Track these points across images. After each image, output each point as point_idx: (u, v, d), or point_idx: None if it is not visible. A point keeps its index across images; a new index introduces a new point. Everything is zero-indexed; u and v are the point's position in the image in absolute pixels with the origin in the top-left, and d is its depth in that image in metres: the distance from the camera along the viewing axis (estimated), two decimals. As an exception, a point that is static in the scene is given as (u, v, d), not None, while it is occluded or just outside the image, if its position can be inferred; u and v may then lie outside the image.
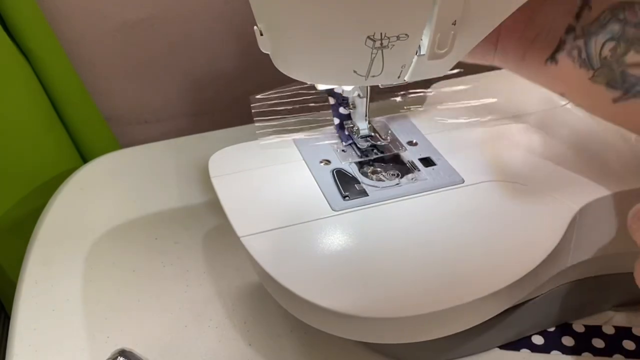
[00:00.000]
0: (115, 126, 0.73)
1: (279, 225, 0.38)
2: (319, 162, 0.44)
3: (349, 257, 0.36)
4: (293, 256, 0.36)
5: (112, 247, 0.52)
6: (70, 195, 0.59)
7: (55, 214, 0.56)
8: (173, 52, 0.70)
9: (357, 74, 0.34)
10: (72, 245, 0.52)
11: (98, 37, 0.66)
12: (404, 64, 0.35)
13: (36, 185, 0.66)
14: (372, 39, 0.32)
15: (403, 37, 0.32)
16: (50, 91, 0.64)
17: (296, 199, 0.41)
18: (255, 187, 0.42)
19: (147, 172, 0.62)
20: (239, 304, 0.46)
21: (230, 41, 0.71)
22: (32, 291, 0.48)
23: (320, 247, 0.36)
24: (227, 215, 0.39)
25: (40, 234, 0.54)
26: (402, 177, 0.43)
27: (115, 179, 0.61)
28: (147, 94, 0.73)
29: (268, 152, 0.45)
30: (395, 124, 0.49)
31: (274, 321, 0.44)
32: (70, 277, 0.49)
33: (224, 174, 0.43)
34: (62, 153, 0.67)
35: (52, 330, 0.44)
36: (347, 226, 0.38)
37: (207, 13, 0.68)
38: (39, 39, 0.60)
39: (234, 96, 0.75)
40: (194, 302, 0.46)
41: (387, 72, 0.35)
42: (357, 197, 0.40)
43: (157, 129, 0.75)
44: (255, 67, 0.73)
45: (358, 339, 0.38)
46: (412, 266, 0.35)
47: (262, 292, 0.46)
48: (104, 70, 0.69)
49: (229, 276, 0.48)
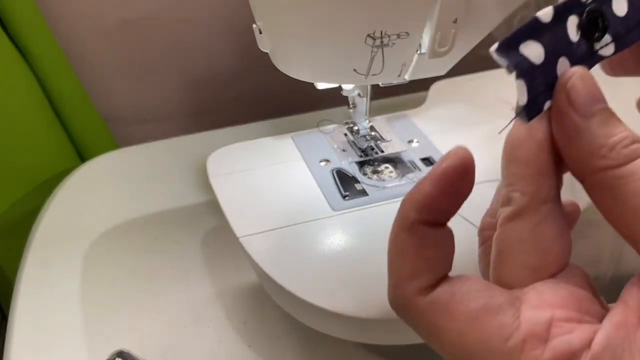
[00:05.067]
0: (114, 126, 0.72)
1: (278, 225, 0.38)
2: (319, 162, 0.44)
3: (348, 257, 0.35)
4: (292, 256, 0.36)
5: (111, 247, 0.52)
6: (69, 195, 0.59)
7: (53, 213, 0.56)
8: (172, 51, 0.69)
9: (357, 72, 0.34)
10: (70, 245, 0.52)
11: (96, 36, 0.65)
12: (404, 62, 0.35)
13: (34, 184, 0.66)
14: (372, 37, 0.31)
15: (403, 36, 0.32)
16: (48, 91, 0.63)
17: (295, 198, 0.40)
18: (255, 187, 0.42)
19: (146, 172, 0.61)
20: (239, 305, 0.46)
21: (229, 40, 0.70)
22: (30, 291, 0.47)
23: (319, 247, 0.36)
24: (226, 216, 0.39)
25: (39, 233, 0.53)
26: (402, 176, 0.42)
27: (113, 178, 0.61)
28: (145, 93, 0.72)
29: (267, 151, 0.45)
30: (396, 123, 0.49)
31: (274, 322, 0.44)
32: (69, 277, 0.48)
33: (223, 174, 0.43)
34: (61, 152, 0.67)
35: (50, 330, 0.44)
36: (347, 226, 0.38)
37: (206, 11, 0.68)
38: (37, 39, 0.60)
39: (233, 95, 0.75)
40: (193, 303, 0.46)
41: (388, 71, 0.34)
42: (357, 197, 0.40)
43: (156, 129, 0.75)
44: (254, 66, 0.72)
45: (357, 340, 0.38)
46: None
47: (262, 293, 0.45)
48: (103, 70, 0.69)
49: (228, 276, 0.48)
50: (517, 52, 0.18)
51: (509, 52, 0.18)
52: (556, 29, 0.19)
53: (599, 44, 0.20)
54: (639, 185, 0.17)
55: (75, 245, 0.52)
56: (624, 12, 0.20)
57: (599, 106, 0.18)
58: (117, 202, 0.57)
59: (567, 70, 0.19)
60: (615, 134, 0.18)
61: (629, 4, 0.20)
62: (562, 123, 0.18)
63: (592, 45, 0.20)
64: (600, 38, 0.20)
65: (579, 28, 0.19)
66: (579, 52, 0.19)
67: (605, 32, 0.20)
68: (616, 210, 0.17)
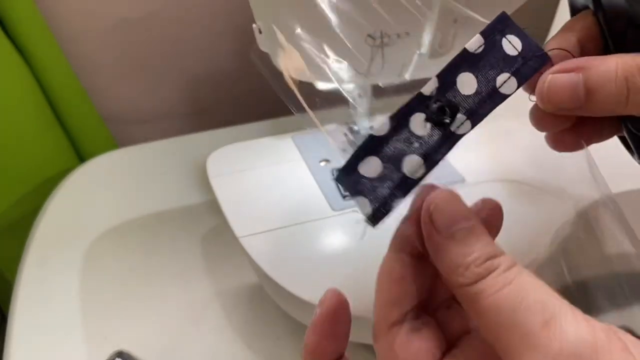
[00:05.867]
0: (113, 126, 0.72)
1: (278, 225, 0.38)
2: (319, 162, 0.44)
3: (348, 257, 0.35)
4: (292, 256, 0.36)
5: (110, 247, 0.52)
6: (68, 195, 0.58)
7: (52, 213, 0.56)
8: (171, 51, 0.69)
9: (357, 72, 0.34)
10: (69, 245, 0.52)
11: (96, 36, 0.65)
12: (404, 62, 0.35)
13: (33, 185, 0.66)
14: (372, 37, 0.31)
15: (403, 36, 0.32)
16: (47, 91, 0.63)
17: (295, 198, 0.40)
18: (255, 187, 0.42)
19: (145, 172, 0.61)
20: (238, 305, 0.46)
21: (229, 40, 0.70)
22: (30, 291, 0.47)
23: (319, 247, 0.36)
24: (226, 216, 0.39)
25: (38, 234, 0.53)
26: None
27: (113, 178, 0.61)
28: (144, 93, 0.72)
29: (267, 151, 0.45)
30: (396, 123, 0.49)
31: (274, 323, 0.44)
32: (68, 278, 0.48)
33: (223, 174, 0.43)
34: (60, 153, 0.67)
35: (49, 331, 0.44)
36: (347, 226, 0.38)
37: (206, 11, 0.67)
38: (36, 38, 0.59)
39: (233, 95, 0.75)
40: (192, 303, 0.46)
41: (388, 71, 0.34)
42: (357, 197, 0.40)
43: (155, 128, 0.75)
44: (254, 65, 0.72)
45: (357, 340, 0.38)
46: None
47: (262, 294, 0.45)
48: (102, 70, 0.69)
49: (228, 277, 0.48)
50: (357, 174, 0.20)
51: (347, 177, 0.20)
52: (396, 135, 0.21)
53: (454, 126, 0.21)
54: (491, 301, 0.18)
55: (75, 245, 0.52)
56: (474, 89, 0.21)
57: (459, 226, 0.19)
58: (117, 202, 0.57)
59: (432, 194, 0.20)
60: (470, 253, 0.19)
61: (477, 79, 0.21)
62: (428, 241, 0.20)
63: (447, 129, 0.21)
64: (453, 121, 0.21)
65: (427, 121, 0.21)
66: (431, 141, 0.21)
67: (455, 115, 0.21)
68: (479, 322, 0.18)
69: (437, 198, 0.20)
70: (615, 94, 0.20)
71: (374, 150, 0.20)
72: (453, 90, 0.21)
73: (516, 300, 0.17)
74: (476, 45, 0.21)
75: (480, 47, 0.21)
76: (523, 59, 0.21)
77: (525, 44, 0.21)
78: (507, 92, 0.21)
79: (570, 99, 0.21)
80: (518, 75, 0.21)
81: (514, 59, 0.21)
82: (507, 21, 0.21)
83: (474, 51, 0.21)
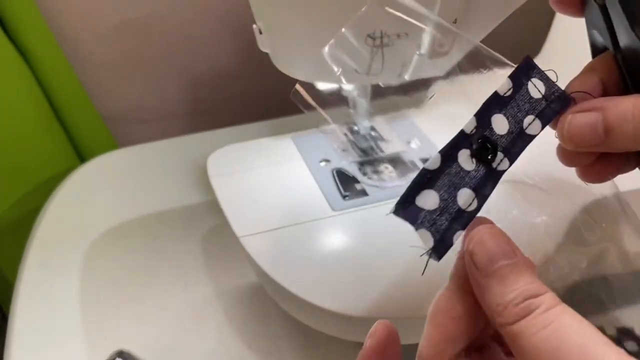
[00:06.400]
0: (113, 125, 0.72)
1: (278, 225, 0.38)
2: (319, 162, 0.44)
3: (348, 257, 0.35)
4: (292, 256, 0.36)
5: (110, 247, 0.52)
6: (68, 195, 0.58)
7: (53, 214, 0.56)
8: (171, 51, 0.69)
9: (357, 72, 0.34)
10: (70, 246, 0.52)
11: (96, 36, 0.65)
12: (404, 62, 0.35)
13: (34, 185, 0.66)
14: (372, 37, 0.31)
15: (403, 36, 0.32)
16: (47, 90, 0.63)
17: (295, 198, 0.40)
18: (255, 187, 0.42)
19: (146, 172, 0.61)
20: (238, 305, 0.46)
21: (229, 40, 0.70)
22: (30, 292, 0.47)
23: (319, 247, 0.36)
24: (226, 215, 0.39)
25: (38, 234, 0.53)
26: (402, 176, 0.42)
27: (113, 178, 0.61)
28: (145, 93, 0.72)
29: (267, 151, 0.45)
30: (396, 123, 0.49)
31: (274, 322, 0.44)
32: (69, 277, 0.48)
33: (223, 174, 0.43)
34: (60, 153, 0.67)
35: (50, 330, 0.44)
36: (347, 226, 0.38)
37: (206, 11, 0.67)
38: (36, 38, 0.59)
39: (233, 95, 0.75)
40: (193, 303, 0.46)
41: (388, 71, 0.34)
42: (357, 197, 0.40)
43: (155, 128, 0.75)
44: (254, 65, 0.72)
45: (357, 340, 0.38)
46: (413, 267, 0.34)
47: (262, 293, 0.45)
48: (102, 69, 0.68)
49: (228, 276, 0.48)
50: (414, 206, 0.21)
51: (406, 210, 0.21)
52: (447, 169, 0.22)
53: (495, 162, 0.22)
54: (531, 342, 0.18)
55: (75, 245, 0.52)
56: (506, 129, 0.23)
57: (497, 264, 0.19)
58: (117, 202, 0.57)
59: (474, 230, 0.21)
60: (509, 292, 0.19)
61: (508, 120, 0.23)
62: (471, 280, 0.20)
63: (490, 165, 0.22)
64: (494, 157, 0.22)
65: (472, 157, 0.22)
66: (478, 176, 0.22)
67: (496, 151, 0.22)
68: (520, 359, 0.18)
69: (477, 235, 0.20)
70: (633, 133, 0.21)
71: (429, 184, 0.21)
72: (490, 129, 0.23)
73: (555, 344, 0.17)
74: (505, 88, 0.23)
75: (509, 90, 0.23)
76: (546, 102, 0.23)
77: (547, 87, 0.23)
78: (533, 132, 0.23)
79: (590, 136, 0.22)
80: (542, 117, 0.23)
81: (538, 102, 0.23)
82: (532, 65, 0.23)
83: (504, 94, 0.23)
